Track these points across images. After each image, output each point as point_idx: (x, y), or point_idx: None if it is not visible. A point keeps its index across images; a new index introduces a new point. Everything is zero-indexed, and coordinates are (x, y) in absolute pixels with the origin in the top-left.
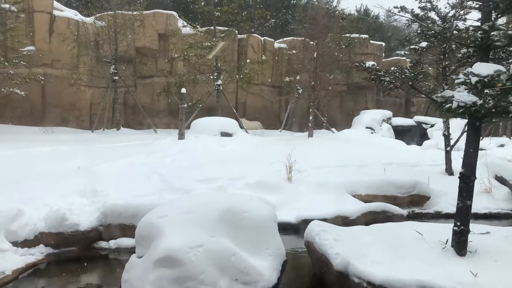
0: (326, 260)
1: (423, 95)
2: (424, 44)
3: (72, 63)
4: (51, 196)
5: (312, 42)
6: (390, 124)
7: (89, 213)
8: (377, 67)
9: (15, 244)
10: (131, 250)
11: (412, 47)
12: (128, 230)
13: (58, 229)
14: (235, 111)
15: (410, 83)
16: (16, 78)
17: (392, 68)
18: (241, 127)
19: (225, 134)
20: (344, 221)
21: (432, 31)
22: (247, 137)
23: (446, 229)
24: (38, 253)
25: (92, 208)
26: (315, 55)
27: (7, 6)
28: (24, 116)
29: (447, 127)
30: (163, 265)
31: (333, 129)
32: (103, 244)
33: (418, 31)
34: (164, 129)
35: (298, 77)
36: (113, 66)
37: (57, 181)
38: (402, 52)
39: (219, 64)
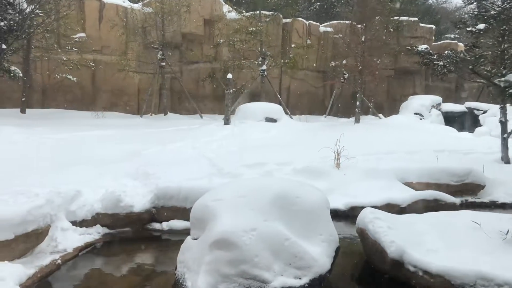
0: (380, 248)
1: (481, 80)
2: (481, 26)
3: (120, 49)
4: (105, 178)
5: (359, 26)
6: (439, 110)
7: (142, 195)
8: (430, 51)
9: (74, 223)
10: (182, 232)
11: (468, 29)
12: (179, 212)
13: (114, 210)
14: (279, 96)
15: (470, 67)
16: (69, 64)
17: (446, 52)
18: (286, 112)
19: (269, 120)
20: (394, 209)
21: (492, 12)
22: (292, 122)
23: (505, 220)
24: (95, 232)
25: (145, 191)
26: (363, 39)
27: None
28: (75, 101)
29: (504, 113)
30: (218, 247)
31: (380, 115)
32: (155, 225)
33: (475, 13)
34: (209, 114)
35: (344, 62)
36: (160, 52)
37: (110, 164)
38: (452, 36)
39: (263, 49)
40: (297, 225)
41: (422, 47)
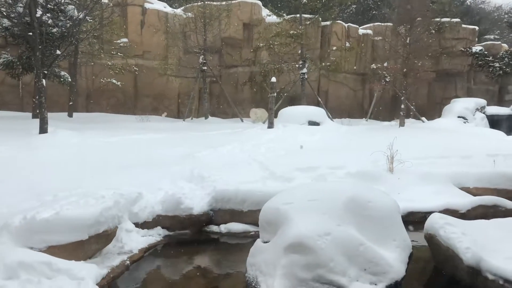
0: (454, 254)
1: None
2: None
3: (162, 54)
4: (162, 181)
5: (401, 27)
6: (484, 113)
7: (200, 198)
8: (485, 52)
9: (136, 225)
10: (240, 235)
11: None
12: (237, 215)
13: (174, 212)
14: (319, 99)
15: None
16: (114, 69)
17: (501, 53)
18: (328, 115)
19: (312, 123)
20: (453, 214)
21: None
22: (335, 126)
23: None
24: (156, 234)
25: (203, 193)
26: (408, 41)
27: (106, 1)
28: (118, 105)
29: None
30: (294, 251)
31: (423, 118)
32: (213, 228)
33: None
34: (248, 118)
35: (385, 64)
36: (202, 56)
37: (165, 166)
38: (492, 37)
39: (304, 52)
40: (370, 230)
41: (476, 48)
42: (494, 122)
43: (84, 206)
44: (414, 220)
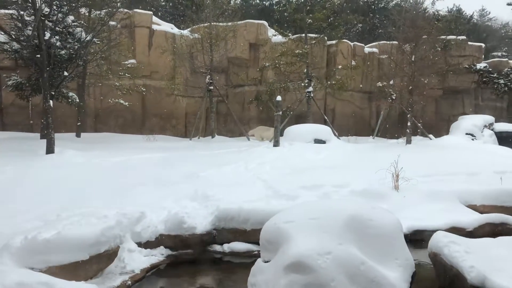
0: (458, 273)
1: None
2: None
3: (169, 74)
4: (166, 200)
5: (407, 45)
6: (492, 130)
7: (203, 217)
8: (490, 69)
9: (139, 245)
10: (244, 254)
11: None
12: (240, 234)
13: (177, 231)
14: (326, 118)
15: None
16: (122, 90)
17: (506, 70)
18: (334, 134)
19: (318, 141)
20: (460, 232)
21: None
22: (341, 144)
23: None
24: (159, 254)
25: (206, 212)
26: (413, 59)
27: (114, 23)
28: (126, 125)
29: None
30: (294, 271)
31: (431, 136)
32: (216, 247)
33: None
34: (254, 136)
35: (391, 82)
36: (209, 76)
37: (170, 185)
38: (499, 54)
39: (309, 71)
40: (371, 249)
41: (480, 65)
42: (503, 139)
43: (85, 226)
44: (419, 239)
